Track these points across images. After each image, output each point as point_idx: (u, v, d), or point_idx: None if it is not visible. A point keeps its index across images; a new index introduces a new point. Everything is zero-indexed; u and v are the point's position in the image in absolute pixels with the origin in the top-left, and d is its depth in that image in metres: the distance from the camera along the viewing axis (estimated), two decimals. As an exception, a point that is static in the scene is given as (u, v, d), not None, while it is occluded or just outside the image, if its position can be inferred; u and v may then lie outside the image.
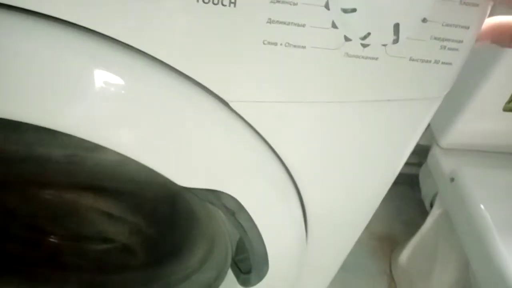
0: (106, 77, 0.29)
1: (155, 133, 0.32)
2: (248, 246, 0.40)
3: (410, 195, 1.23)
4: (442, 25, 0.30)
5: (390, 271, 1.14)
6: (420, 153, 1.14)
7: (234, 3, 0.27)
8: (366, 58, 0.31)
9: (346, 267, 1.14)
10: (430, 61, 0.32)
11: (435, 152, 0.92)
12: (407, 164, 0.42)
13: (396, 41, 0.29)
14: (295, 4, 0.28)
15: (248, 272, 0.44)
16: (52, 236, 0.62)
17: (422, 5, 0.28)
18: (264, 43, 0.29)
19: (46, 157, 0.41)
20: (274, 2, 0.27)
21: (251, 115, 0.34)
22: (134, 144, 0.32)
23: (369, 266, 1.15)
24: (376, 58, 0.31)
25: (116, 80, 0.29)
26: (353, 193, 0.43)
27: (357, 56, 0.31)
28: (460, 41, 0.31)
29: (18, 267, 0.60)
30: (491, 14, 0.32)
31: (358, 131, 0.36)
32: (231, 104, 0.32)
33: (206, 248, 0.52)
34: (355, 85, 0.32)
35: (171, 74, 0.31)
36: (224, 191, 0.35)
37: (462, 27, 0.30)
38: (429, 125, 1.11)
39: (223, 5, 0.27)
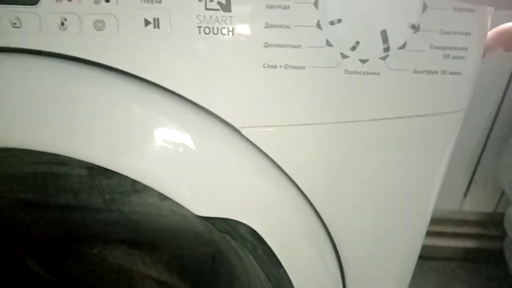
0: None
1: (169, 161, 0.34)
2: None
3: (497, 274, 1.09)
4: (440, 33, 0.30)
5: None
6: (501, 224, 1.03)
7: (232, 31, 0.30)
8: (367, 73, 0.31)
9: None
10: (436, 72, 0.31)
11: (511, 213, 0.83)
12: (488, 238, 0.38)
13: (387, 49, 0.29)
14: (288, 27, 0.30)
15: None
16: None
17: (407, 11, 0.28)
18: (264, 67, 0.31)
19: (86, 203, 0.44)
20: (268, 27, 0.30)
21: (263, 142, 0.35)
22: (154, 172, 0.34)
23: None
24: (378, 73, 0.31)
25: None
26: (385, 231, 0.40)
27: (358, 73, 0.31)
28: (464, 49, 0.31)
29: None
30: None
31: (378, 153, 0.35)
32: (242, 131, 0.34)
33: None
34: (362, 103, 0.33)
35: (183, 104, 0.33)
36: (241, 220, 0.35)
37: (463, 33, 0.30)
38: (503, 192, 1.02)
39: (222, 34, 0.30)
